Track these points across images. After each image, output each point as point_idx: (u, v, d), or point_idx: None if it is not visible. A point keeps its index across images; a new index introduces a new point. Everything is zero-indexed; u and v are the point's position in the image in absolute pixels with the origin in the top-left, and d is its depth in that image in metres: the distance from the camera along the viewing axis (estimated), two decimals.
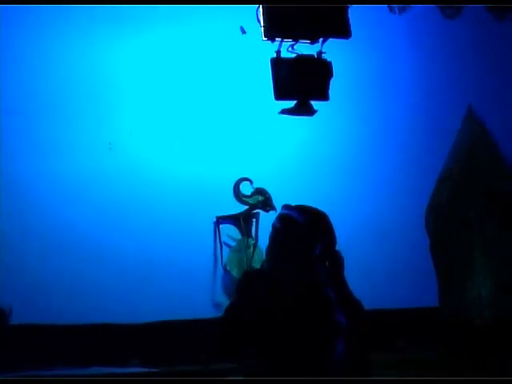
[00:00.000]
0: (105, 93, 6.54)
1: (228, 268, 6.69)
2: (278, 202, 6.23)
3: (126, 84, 6.62)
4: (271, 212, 6.66)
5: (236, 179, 6.77)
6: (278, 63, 5.22)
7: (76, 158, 6.46)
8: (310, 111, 5.37)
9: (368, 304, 3.44)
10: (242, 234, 6.79)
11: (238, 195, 6.78)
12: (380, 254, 6.90)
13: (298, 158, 6.95)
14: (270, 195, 6.79)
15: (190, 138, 6.77)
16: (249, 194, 6.80)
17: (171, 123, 6.74)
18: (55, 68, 6.48)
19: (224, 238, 6.76)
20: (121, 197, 6.56)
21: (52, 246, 6.36)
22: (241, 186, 6.78)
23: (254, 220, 6.82)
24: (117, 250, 6.46)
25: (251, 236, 6.79)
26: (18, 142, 6.40)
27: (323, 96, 5.25)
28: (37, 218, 6.36)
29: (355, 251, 6.59)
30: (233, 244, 6.79)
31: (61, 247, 6.35)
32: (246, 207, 6.79)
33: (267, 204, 6.76)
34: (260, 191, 6.81)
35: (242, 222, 6.77)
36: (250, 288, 3.39)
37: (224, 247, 6.75)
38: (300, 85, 5.21)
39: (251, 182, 6.80)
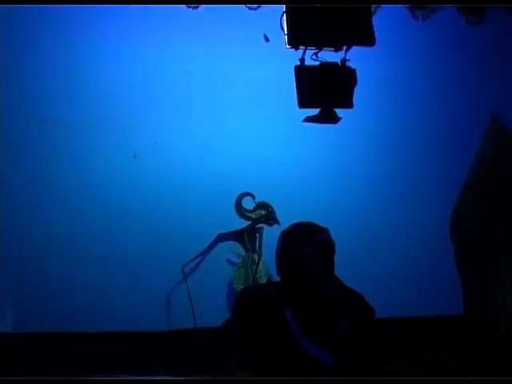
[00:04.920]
0: (130, 101, 6.59)
1: (234, 286, 6.60)
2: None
3: (150, 92, 6.66)
4: (275, 226, 6.65)
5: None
6: (301, 71, 5.20)
7: (101, 166, 6.50)
8: (335, 119, 5.34)
9: (393, 313, 3.44)
10: (247, 250, 6.72)
11: (240, 211, 6.73)
12: (404, 262, 6.86)
13: (319, 166, 6.93)
14: (272, 208, 6.74)
15: (214, 147, 6.79)
16: (251, 208, 6.77)
17: (194, 132, 6.76)
18: (79, 76, 6.53)
19: (228, 254, 6.73)
20: (145, 205, 6.59)
21: (76, 255, 6.41)
22: (243, 202, 6.74)
23: (258, 235, 6.75)
24: (141, 259, 6.50)
25: (256, 251, 6.71)
26: (42, 150, 6.46)
27: (348, 104, 5.23)
28: (61, 226, 6.41)
29: (378, 259, 6.61)
30: (237, 260, 6.73)
31: (85, 256, 6.41)
32: (249, 222, 6.74)
33: (270, 218, 6.71)
34: (262, 205, 6.75)
35: (246, 237, 6.71)
36: (244, 305, 3.41)
37: (228, 264, 6.73)
38: (324, 92, 5.19)
39: (253, 197, 6.76)
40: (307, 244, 3.31)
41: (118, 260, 6.47)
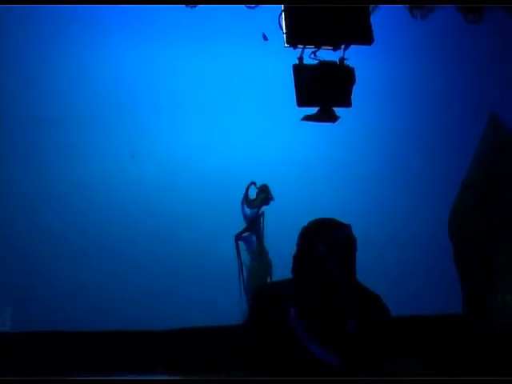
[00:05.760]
0: (128, 101, 6.59)
1: (252, 281, 6.68)
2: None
3: (148, 92, 6.67)
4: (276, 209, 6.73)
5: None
6: (300, 70, 5.20)
7: (99, 166, 6.51)
8: (333, 117, 5.34)
9: (392, 312, 3.41)
10: (258, 237, 6.78)
11: (247, 202, 6.81)
12: (403, 261, 6.87)
13: (318, 165, 6.94)
14: (267, 188, 6.78)
15: (212, 146, 6.79)
16: (254, 196, 6.82)
17: (193, 131, 6.77)
18: (77, 76, 6.54)
19: (243, 254, 6.80)
20: (143, 204, 6.59)
21: (76, 255, 6.41)
22: (249, 193, 6.82)
23: (262, 219, 6.82)
24: (141, 258, 6.51)
25: (261, 238, 6.79)
26: (41, 150, 6.46)
27: (346, 102, 5.23)
28: (61, 225, 6.42)
29: (377, 259, 6.61)
30: (250, 255, 6.81)
31: (85, 255, 6.41)
32: (255, 210, 6.82)
33: (268, 198, 6.76)
34: (262, 189, 6.80)
35: (253, 225, 6.79)
36: (256, 305, 3.36)
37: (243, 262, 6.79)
38: (323, 91, 5.19)
39: (255, 184, 6.81)
40: (321, 243, 3.11)
41: (117, 260, 6.48)
